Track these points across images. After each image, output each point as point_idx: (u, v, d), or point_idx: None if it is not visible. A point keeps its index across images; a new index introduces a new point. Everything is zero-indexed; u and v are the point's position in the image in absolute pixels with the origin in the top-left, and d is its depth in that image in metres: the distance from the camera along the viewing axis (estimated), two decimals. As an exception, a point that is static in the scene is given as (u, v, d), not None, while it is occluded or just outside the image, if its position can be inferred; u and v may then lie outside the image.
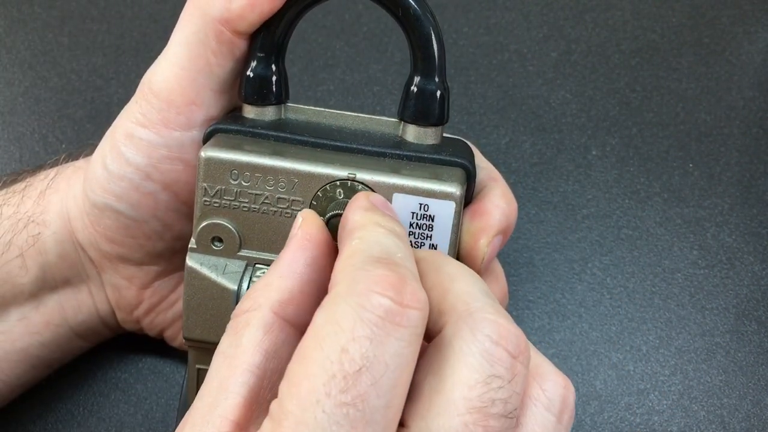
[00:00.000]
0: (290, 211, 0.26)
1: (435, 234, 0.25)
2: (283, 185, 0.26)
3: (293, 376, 0.19)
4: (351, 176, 0.25)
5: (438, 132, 0.28)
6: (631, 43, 0.44)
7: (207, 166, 0.26)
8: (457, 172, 0.26)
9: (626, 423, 0.38)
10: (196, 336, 0.28)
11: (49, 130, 0.43)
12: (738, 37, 0.44)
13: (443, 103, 0.27)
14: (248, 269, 0.27)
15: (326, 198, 0.26)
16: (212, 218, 0.27)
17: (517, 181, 0.42)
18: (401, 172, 0.26)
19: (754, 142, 0.42)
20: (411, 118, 0.27)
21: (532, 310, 0.40)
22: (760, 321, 0.39)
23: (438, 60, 0.27)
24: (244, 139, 0.27)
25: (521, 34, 0.44)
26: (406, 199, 0.25)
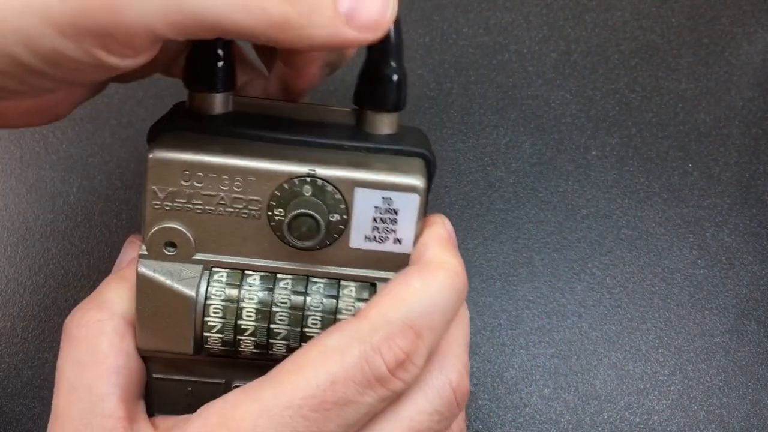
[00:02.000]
0: (247, 212, 0.25)
1: (399, 227, 0.25)
2: (239, 185, 0.24)
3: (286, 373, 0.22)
4: (311, 172, 0.24)
5: (394, 119, 0.27)
6: (630, 43, 0.44)
7: (155, 168, 0.24)
8: (417, 162, 0.26)
9: (626, 422, 0.38)
10: (152, 347, 0.26)
11: (49, 129, 0.43)
12: (737, 37, 0.45)
13: (400, 87, 0.26)
14: (205, 273, 0.25)
15: (287, 195, 0.24)
16: (163, 222, 0.25)
17: (517, 181, 0.42)
18: (362, 165, 0.25)
19: (754, 142, 0.42)
20: (367, 105, 0.27)
21: (532, 310, 0.40)
22: (760, 321, 0.39)
23: (394, 43, 0.26)
24: (194, 136, 0.25)
25: (521, 34, 0.45)
26: (370, 194, 0.24)
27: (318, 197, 0.24)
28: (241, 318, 0.25)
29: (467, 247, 0.41)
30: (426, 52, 0.44)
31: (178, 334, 0.25)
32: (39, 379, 0.39)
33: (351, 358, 0.22)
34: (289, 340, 0.25)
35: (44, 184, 0.42)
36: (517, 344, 0.39)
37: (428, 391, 0.24)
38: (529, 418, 0.38)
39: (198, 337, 0.26)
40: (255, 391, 0.22)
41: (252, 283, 0.25)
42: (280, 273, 0.26)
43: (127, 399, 0.25)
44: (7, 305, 0.40)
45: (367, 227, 0.25)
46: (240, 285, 0.25)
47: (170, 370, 0.27)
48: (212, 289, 0.25)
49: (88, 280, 0.40)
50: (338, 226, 0.25)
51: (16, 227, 0.41)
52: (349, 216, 0.25)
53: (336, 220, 0.25)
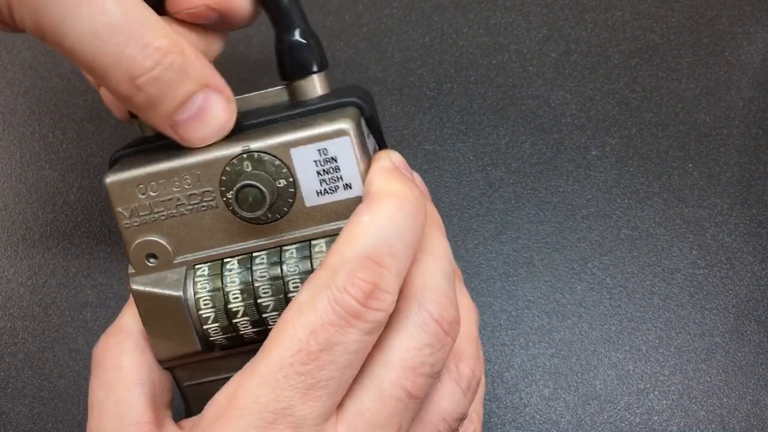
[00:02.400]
0: (205, 204, 0.26)
1: (344, 173, 0.26)
2: (189, 181, 0.26)
3: (270, 341, 0.23)
4: (245, 149, 0.26)
5: (322, 80, 0.28)
6: (630, 43, 0.44)
7: (114, 191, 0.26)
8: (347, 110, 0.26)
9: (626, 422, 0.38)
10: (168, 354, 0.28)
11: (49, 129, 0.43)
12: (737, 37, 0.45)
13: (313, 49, 0.27)
14: (189, 272, 0.27)
15: (232, 176, 0.26)
16: (138, 237, 0.27)
17: (517, 181, 0.42)
18: (292, 128, 0.26)
19: (754, 142, 0.42)
20: (291, 75, 0.28)
21: (532, 310, 0.40)
22: (760, 321, 0.39)
23: (293, 11, 0.27)
24: (142, 155, 0.27)
25: (521, 34, 0.45)
26: (305, 151, 0.26)
27: (259, 169, 0.26)
28: (230, 302, 0.27)
29: (467, 247, 0.41)
30: (426, 52, 0.44)
31: (183, 335, 0.27)
32: (39, 379, 0.39)
33: (321, 304, 0.23)
34: (279, 309, 0.27)
35: (44, 184, 0.42)
36: (517, 344, 0.39)
37: (411, 329, 0.24)
38: (529, 418, 0.38)
39: (201, 334, 0.27)
40: (251, 366, 0.23)
41: (231, 269, 0.27)
42: (255, 252, 0.27)
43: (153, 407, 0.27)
44: (7, 305, 0.40)
45: (315, 183, 0.26)
46: (221, 273, 0.27)
47: (197, 374, 0.29)
48: (197, 285, 0.27)
49: (88, 280, 0.40)
50: (288, 190, 0.26)
51: (16, 227, 0.41)
52: (295, 178, 0.26)
53: (283, 185, 0.26)
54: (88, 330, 0.40)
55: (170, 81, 0.24)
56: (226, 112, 0.26)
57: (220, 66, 0.28)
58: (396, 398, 0.24)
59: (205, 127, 0.26)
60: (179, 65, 0.24)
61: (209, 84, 0.25)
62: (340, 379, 0.23)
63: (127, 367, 0.27)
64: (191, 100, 0.25)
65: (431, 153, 0.42)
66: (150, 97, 0.24)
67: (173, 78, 0.24)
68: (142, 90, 0.24)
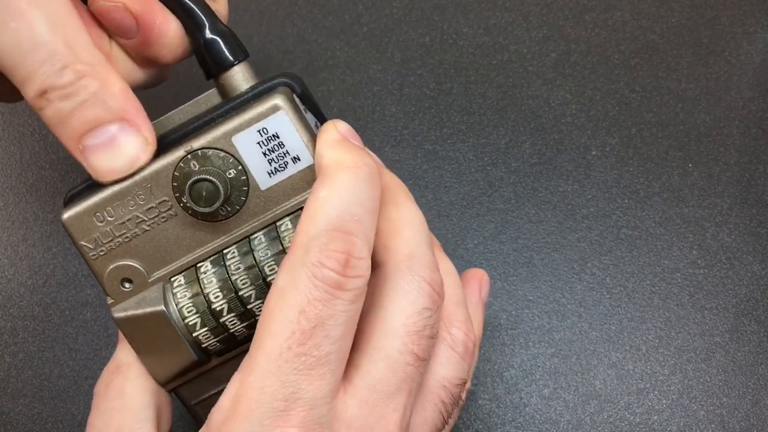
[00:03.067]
0: (165, 215, 0.26)
1: (289, 148, 0.26)
2: (142, 197, 0.26)
3: (260, 333, 0.23)
4: (188, 150, 0.26)
5: (246, 70, 0.28)
6: (630, 43, 0.44)
7: (72, 226, 0.26)
8: (277, 90, 0.26)
9: (626, 422, 0.38)
10: (168, 373, 0.28)
11: (49, 129, 0.43)
12: (737, 37, 0.45)
13: (228, 41, 0.27)
14: (166, 287, 0.27)
15: (182, 179, 0.26)
16: (109, 266, 0.27)
17: (517, 181, 0.42)
18: (228, 119, 0.26)
19: (754, 142, 0.42)
20: (215, 72, 0.28)
21: (532, 309, 0.40)
22: (760, 321, 0.39)
23: (197, 10, 0.27)
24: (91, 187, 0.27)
25: (521, 34, 0.45)
26: (246, 135, 0.26)
27: (207, 165, 0.26)
28: (212, 302, 0.27)
29: (467, 247, 0.41)
30: (426, 52, 0.44)
31: (176, 349, 0.27)
32: (39, 379, 0.39)
33: (302, 283, 0.23)
34: (262, 297, 0.26)
35: (44, 184, 0.42)
36: (517, 344, 0.39)
37: (408, 294, 0.25)
38: (529, 417, 0.38)
39: (193, 342, 0.27)
40: (248, 363, 0.23)
41: (206, 270, 0.27)
42: (225, 249, 0.27)
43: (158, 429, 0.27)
44: (7, 305, 0.40)
45: (264, 164, 0.26)
46: (197, 278, 0.27)
47: (202, 389, 0.29)
48: (177, 295, 0.27)
49: (88, 280, 0.40)
50: (240, 178, 0.26)
51: (16, 227, 0.41)
52: (243, 165, 0.26)
53: (234, 175, 0.26)
54: (88, 330, 0.40)
55: (81, 102, 0.24)
56: (139, 150, 0.26)
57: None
58: (405, 363, 0.24)
59: (114, 159, 0.25)
60: (94, 90, 0.25)
61: (126, 118, 0.25)
62: (338, 353, 0.23)
63: (130, 393, 0.27)
64: (103, 128, 0.25)
65: (431, 153, 0.42)
66: (58, 112, 0.24)
67: (84, 99, 0.24)
68: (52, 103, 0.24)
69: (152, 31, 0.27)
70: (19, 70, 0.24)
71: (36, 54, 0.24)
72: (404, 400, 0.24)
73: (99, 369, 0.39)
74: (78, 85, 0.24)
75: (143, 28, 0.27)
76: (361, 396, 0.24)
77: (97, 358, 0.39)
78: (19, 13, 0.23)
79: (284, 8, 0.45)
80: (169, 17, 0.27)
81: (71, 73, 0.24)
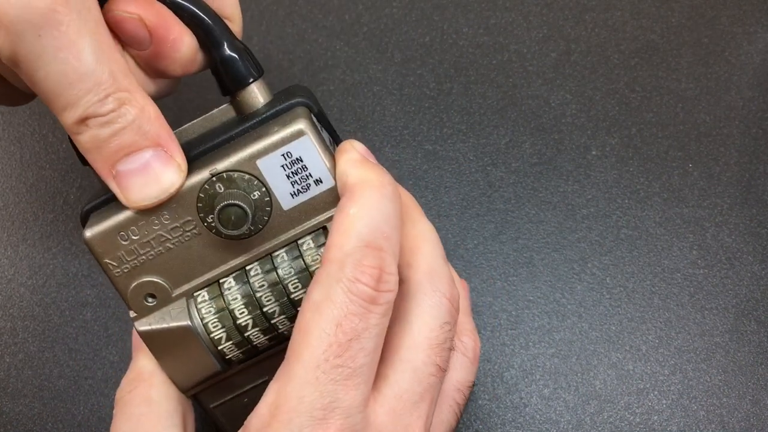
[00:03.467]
0: (189, 233, 0.27)
1: (312, 171, 0.27)
2: (167, 216, 0.27)
3: (297, 345, 0.24)
4: (213, 172, 0.26)
5: (261, 87, 0.28)
6: (630, 43, 0.44)
7: (95, 244, 0.27)
8: (298, 110, 0.27)
9: (626, 422, 0.38)
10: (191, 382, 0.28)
11: (49, 129, 0.43)
12: (737, 37, 0.45)
13: (245, 58, 0.28)
14: (190, 301, 0.28)
15: (208, 201, 0.26)
16: (133, 282, 0.27)
17: (517, 181, 0.42)
18: (251, 141, 0.26)
19: (754, 142, 0.42)
20: (233, 88, 0.28)
21: (532, 309, 0.40)
22: (760, 321, 0.39)
23: (215, 28, 0.27)
24: (111, 204, 0.27)
25: (521, 34, 0.45)
26: (271, 159, 0.26)
27: (232, 187, 0.26)
28: (237, 318, 0.27)
29: (467, 247, 0.41)
30: (426, 52, 0.44)
31: (200, 361, 0.28)
32: (39, 379, 0.39)
33: (339, 298, 0.24)
34: (286, 312, 0.27)
35: (44, 184, 0.42)
36: (517, 344, 0.39)
37: (431, 310, 0.27)
38: (529, 418, 0.38)
39: (217, 354, 0.28)
40: (285, 373, 0.24)
41: (230, 287, 0.28)
42: (247, 265, 0.28)
43: None
44: (7, 305, 0.40)
45: (287, 186, 0.27)
46: (221, 294, 0.28)
47: (220, 394, 0.30)
48: (202, 310, 0.27)
49: (88, 280, 0.40)
50: (264, 200, 0.27)
51: (16, 227, 0.41)
52: (267, 187, 0.27)
53: (258, 196, 0.27)
54: (88, 330, 0.40)
55: (120, 128, 0.25)
56: (173, 178, 0.26)
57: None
58: (429, 374, 0.26)
59: (147, 186, 0.26)
60: (134, 117, 0.25)
61: (162, 145, 0.26)
62: (370, 364, 0.24)
63: (156, 400, 0.28)
64: (138, 154, 0.25)
65: (431, 153, 0.42)
66: (96, 137, 0.25)
67: (123, 126, 0.25)
68: (90, 129, 0.25)
69: (165, 44, 0.27)
70: (61, 99, 0.24)
71: (82, 84, 0.24)
72: (427, 408, 0.26)
73: (99, 369, 0.39)
74: (118, 112, 0.25)
75: (156, 41, 0.27)
76: (390, 405, 0.25)
77: (97, 358, 0.39)
78: (69, 43, 0.23)
79: (284, 8, 0.45)
80: (183, 32, 0.27)
81: (113, 101, 0.24)
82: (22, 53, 0.23)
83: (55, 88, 0.24)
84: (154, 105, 0.26)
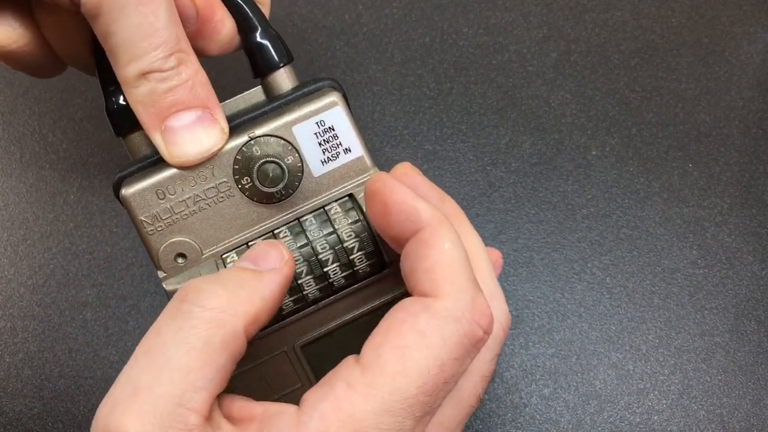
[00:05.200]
0: (223, 194, 0.28)
1: (342, 140, 0.28)
2: (204, 176, 0.28)
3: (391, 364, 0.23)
4: (251, 135, 0.28)
5: (290, 72, 0.30)
6: (630, 43, 0.44)
7: (133, 202, 0.27)
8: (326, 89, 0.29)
9: (626, 422, 0.38)
10: None
11: (49, 129, 0.43)
12: (737, 37, 0.45)
13: (278, 43, 0.30)
14: (218, 263, 0.28)
15: (244, 163, 0.28)
16: (165, 241, 0.28)
17: (517, 181, 0.42)
18: (287, 111, 0.28)
19: (754, 142, 0.42)
20: (264, 71, 0.30)
21: (532, 309, 0.40)
22: (760, 320, 0.39)
23: (253, 14, 0.30)
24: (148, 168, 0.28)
25: (521, 34, 0.45)
26: (305, 125, 0.28)
27: (268, 150, 0.28)
28: None
29: (467, 247, 0.41)
30: (426, 52, 0.44)
31: None
32: (39, 379, 0.39)
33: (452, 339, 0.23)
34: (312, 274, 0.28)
35: (44, 183, 0.42)
36: (517, 344, 0.39)
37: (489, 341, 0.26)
38: (529, 417, 0.38)
39: None
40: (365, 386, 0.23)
41: None
42: (276, 229, 0.29)
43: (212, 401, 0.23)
44: (7, 305, 0.40)
45: (318, 153, 0.28)
46: None
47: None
48: None
49: (88, 280, 0.40)
50: (296, 165, 0.28)
51: (16, 227, 0.41)
52: (300, 152, 0.28)
53: (291, 161, 0.28)
54: (88, 330, 0.40)
55: (176, 85, 0.26)
56: (215, 139, 0.27)
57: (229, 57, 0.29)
58: (470, 405, 0.26)
59: (192, 143, 0.27)
60: (188, 76, 0.27)
61: (208, 107, 0.27)
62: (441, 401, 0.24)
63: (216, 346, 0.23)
64: (188, 112, 0.27)
65: (431, 153, 0.42)
66: (153, 91, 0.26)
67: (179, 84, 0.26)
68: (149, 83, 0.26)
69: (209, 25, 0.29)
70: (130, 51, 0.26)
71: (153, 39, 0.25)
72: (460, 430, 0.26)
73: (99, 369, 0.39)
74: (177, 70, 0.26)
75: (202, 21, 0.28)
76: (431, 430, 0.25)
77: (97, 358, 0.39)
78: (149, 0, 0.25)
79: (284, 8, 0.45)
80: (226, 16, 0.29)
81: (174, 59, 0.26)
82: (107, 3, 0.25)
83: (128, 40, 0.25)
84: (204, 72, 0.27)
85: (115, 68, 0.26)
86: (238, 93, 0.30)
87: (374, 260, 0.29)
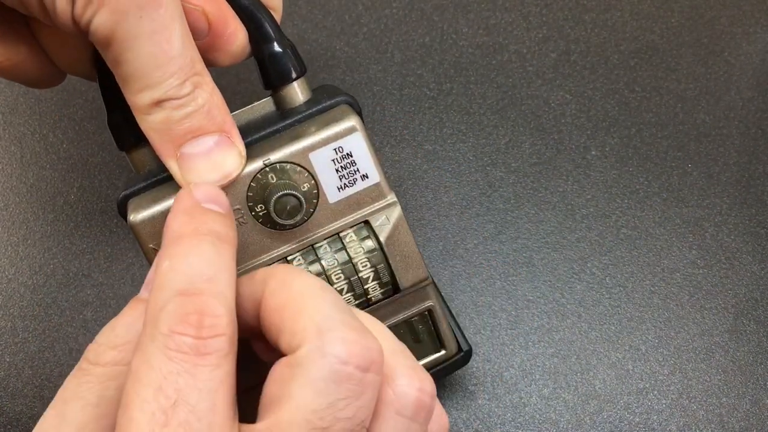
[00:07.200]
0: (236, 222, 0.27)
1: (360, 166, 0.27)
2: None
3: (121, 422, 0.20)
4: (266, 162, 0.27)
5: (304, 85, 0.29)
6: (630, 43, 0.44)
7: (142, 230, 0.27)
8: (343, 108, 0.28)
9: (625, 422, 0.38)
10: None
11: (49, 129, 0.43)
12: (737, 37, 0.45)
13: (292, 56, 0.28)
14: None
15: (258, 191, 0.27)
16: None
17: (517, 181, 0.42)
18: (302, 134, 0.27)
19: (753, 142, 0.42)
20: (276, 84, 0.28)
21: (532, 309, 0.40)
22: (759, 321, 0.39)
23: (267, 24, 0.28)
24: (154, 190, 0.27)
25: (521, 34, 0.45)
26: (323, 152, 0.27)
27: (284, 178, 0.27)
28: None
29: (467, 247, 0.41)
30: (426, 52, 0.44)
31: None
32: (39, 379, 0.39)
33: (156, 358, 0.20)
34: None
35: (44, 184, 0.42)
36: (517, 344, 0.39)
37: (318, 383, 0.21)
38: (528, 417, 0.38)
39: None
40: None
41: None
42: (289, 256, 0.28)
43: None
44: (7, 305, 0.40)
45: (335, 180, 0.27)
46: None
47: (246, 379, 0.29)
48: None
49: (88, 280, 0.40)
50: (312, 192, 0.27)
51: (16, 227, 0.41)
52: (317, 179, 0.27)
53: (308, 188, 0.27)
54: (88, 330, 0.40)
55: (192, 111, 0.25)
56: (234, 165, 0.26)
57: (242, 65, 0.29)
58: None
59: (210, 170, 0.26)
60: (204, 101, 0.25)
61: (226, 131, 0.26)
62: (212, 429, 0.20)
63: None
64: (204, 138, 0.26)
65: (431, 153, 0.42)
66: (168, 119, 0.25)
67: (195, 110, 0.25)
68: (164, 110, 0.25)
69: (222, 38, 0.27)
70: (143, 80, 0.24)
71: (168, 67, 0.24)
72: None
73: (99, 369, 0.39)
74: (192, 95, 0.25)
75: (214, 34, 0.27)
76: None
77: (97, 357, 0.39)
78: (163, 27, 0.24)
79: (284, 8, 0.45)
80: (239, 28, 0.28)
81: (190, 84, 0.25)
82: (120, 32, 0.24)
83: (141, 69, 0.24)
84: (219, 92, 0.26)
85: (126, 94, 0.25)
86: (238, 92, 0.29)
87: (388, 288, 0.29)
